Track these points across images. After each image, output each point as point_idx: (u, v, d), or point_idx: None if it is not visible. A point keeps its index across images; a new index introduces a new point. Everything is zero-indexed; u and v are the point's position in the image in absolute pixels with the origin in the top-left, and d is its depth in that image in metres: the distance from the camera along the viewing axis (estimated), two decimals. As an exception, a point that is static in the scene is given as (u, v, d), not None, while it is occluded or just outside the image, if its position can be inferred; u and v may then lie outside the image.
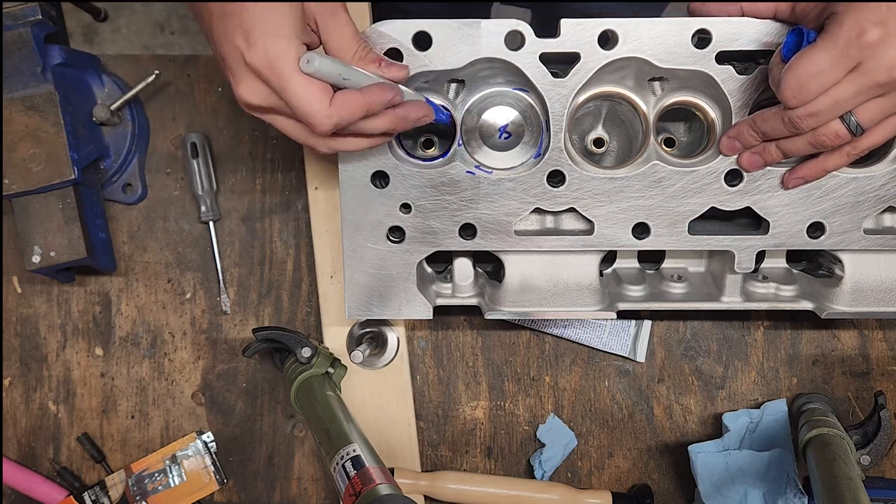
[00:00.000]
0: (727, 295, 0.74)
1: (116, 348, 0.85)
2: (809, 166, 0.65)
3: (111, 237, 0.84)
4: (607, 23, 0.64)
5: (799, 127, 0.59)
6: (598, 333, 0.82)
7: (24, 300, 0.85)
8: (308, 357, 0.76)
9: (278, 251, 0.85)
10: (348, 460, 0.62)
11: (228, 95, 0.86)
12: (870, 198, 0.68)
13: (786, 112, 0.59)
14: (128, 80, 0.85)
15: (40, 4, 0.76)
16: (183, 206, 0.85)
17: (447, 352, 0.84)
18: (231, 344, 0.85)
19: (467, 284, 0.75)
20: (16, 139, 0.75)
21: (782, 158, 0.64)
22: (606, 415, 0.84)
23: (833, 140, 0.59)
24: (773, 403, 0.79)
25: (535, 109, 0.69)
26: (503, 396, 0.84)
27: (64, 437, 0.85)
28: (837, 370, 0.83)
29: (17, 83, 0.75)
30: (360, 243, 0.72)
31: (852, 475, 0.63)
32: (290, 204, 0.85)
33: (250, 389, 0.85)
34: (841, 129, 0.58)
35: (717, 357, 0.83)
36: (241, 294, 0.85)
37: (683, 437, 0.83)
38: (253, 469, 0.85)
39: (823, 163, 0.64)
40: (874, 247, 0.70)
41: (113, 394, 0.85)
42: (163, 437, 0.85)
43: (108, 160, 0.83)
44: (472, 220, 0.70)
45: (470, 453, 0.84)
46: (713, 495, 0.75)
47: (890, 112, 0.58)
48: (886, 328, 0.83)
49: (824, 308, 0.72)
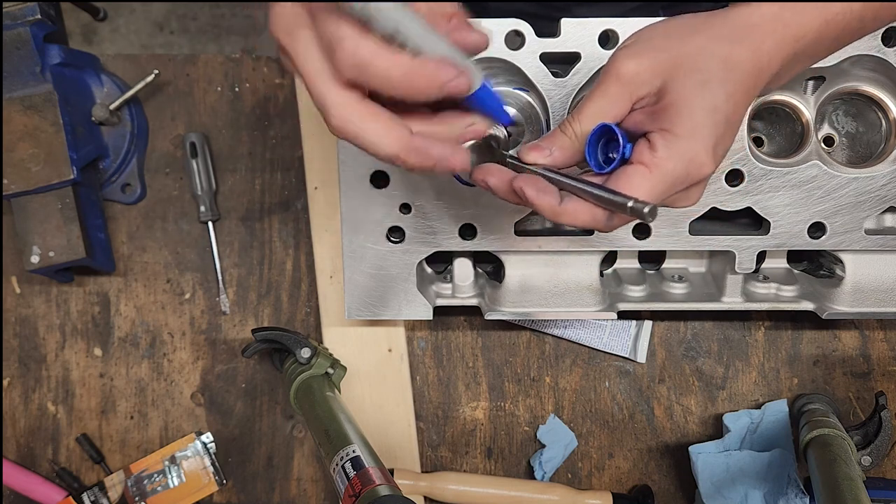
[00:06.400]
0: (728, 295, 0.74)
1: (115, 349, 0.85)
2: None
3: (110, 237, 0.84)
4: (608, 22, 0.64)
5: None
6: (598, 334, 0.82)
7: (23, 300, 0.85)
8: (307, 357, 0.75)
9: (278, 251, 0.85)
10: (348, 461, 0.62)
11: (228, 95, 0.86)
12: (871, 198, 0.68)
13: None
14: (127, 79, 0.84)
15: (39, 4, 0.76)
16: (182, 206, 0.85)
17: (447, 352, 0.84)
18: (230, 344, 0.85)
19: (467, 285, 0.75)
20: (15, 139, 0.75)
21: None
22: (607, 415, 0.83)
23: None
24: (773, 404, 0.79)
25: (536, 109, 0.69)
26: (503, 397, 0.84)
27: (63, 437, 0.85)
28: (838, 371, 0.83)
29: (16, 83, 0.75)
30: (360, 243, 0.71)
31: (853, 476, 0.63)
32: (290, 204, 0.85)
33: (250, 390, 0.85)
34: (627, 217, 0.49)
35: (717, 357, 0.83)
36: (241, 294, 0.85)
37: (684, 437, 0.83)
38: (252, 470, 0.84)
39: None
40: (875, 247, 0.70)
41: (112, 394, 0.85)
42: (162, 437, 0.85)
43: (107, 160, 0.83)
44: (472, 220, 0.70)
45: (470, 454, 0.84)
46: (714, 496, 0.75)
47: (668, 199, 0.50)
48: (887, 328, 0.83)
49: (825, 308, 0.72)
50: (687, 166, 0.46)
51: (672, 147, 0.46)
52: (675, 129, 0.46)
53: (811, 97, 0.71)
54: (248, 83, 0.86)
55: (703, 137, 0.46)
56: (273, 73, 0.86)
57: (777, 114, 0.73)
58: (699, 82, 0.46)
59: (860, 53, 0.65)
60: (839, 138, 0.74)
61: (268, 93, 0.86)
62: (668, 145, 0.46)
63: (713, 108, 0.46)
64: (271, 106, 0.86)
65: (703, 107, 0.46)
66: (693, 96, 0.46)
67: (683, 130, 0.46)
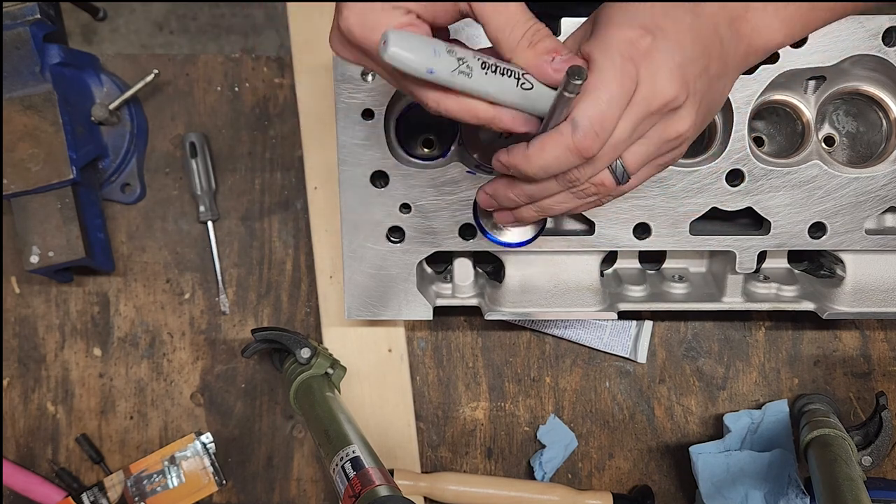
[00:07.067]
0: (728, 295, 0.74)
1: (115, 349, 0.85)
2: (529, 209, 0.51)
3: (109, 237, 0.84)
4: (608, 22, 0.64)
5: (576, 183, 0.46)
6: (598, 334, 0.82)
7: (23, 300, 0.85)
8: (307, 358, 0.75)
9: (277, 251, 0.85)
10: (348, 461, 0.62)
11: (227, 95, 0.86)
12: (871, 198, 0.68)
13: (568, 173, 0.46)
14: (126, 79, 0.84)
15: (39, 4, 0.76)
16: (182, 206, 0.85)
17: (447, 352, 0.84)
18: (230, 344, 0.85)
19: (467, 285, 0.75)
20: (14, 139, 0.75)
21: (537, 217, 0.53)
22: (607, 416, 0.83)
23: (598, 191, 0.47)
24: (774, 404, 0.79)
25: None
26: (503, 397, 0.83)
27: (62, 437, 0.85)
28: (839, 371, 0.83)
29: (16, 83, 0.75)
30: (360, 243, 0.71)
31: (854, 476, 0.63)
32: (290, 204, 0.85)
33: (249, 390, 0.85)
34: (608, 179, 0.46)
35: (718, 358, 0.83)
36: (240, 294, 0.85)
37: (684, 437, 0.83)
38: (252, 470, 0.84)
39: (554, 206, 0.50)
40: (875, 247, 0.70)
41: (111, 394, 0.85)
42: (161, 437, 0.84)
43: (107, 160, 0.83)
44: (472, 220, 0.70)
45: (470, 454, 0.84)
46: (714, 496, 0.75)
47: (653, 155, 0.47)
48: (888, 329, 0.82)
49: (825, 308, 0.72)
50: (613, 44, 0.42)
51: (593, 42, 0.43)
52: (594, 34, 0.43)
53: (812, 97, 0.71)
54: (247, 83, 0.86)
55: (616, 18, 0.43)
56: (273, 73, 0.86)
57: (778, 114, 0.73)
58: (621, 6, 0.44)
59: (861, 53, 0.65)
60: (840, 138, 0.74)
61: (268, 93, 0.86)
62: (591, 45, 0.43)
63: (635, 13, 0.43)
64: (271, 106, 0.85)
65: (615, 13, 0.43)
66: (608, 11, 0.44)
67: (600, 28, 0.43)
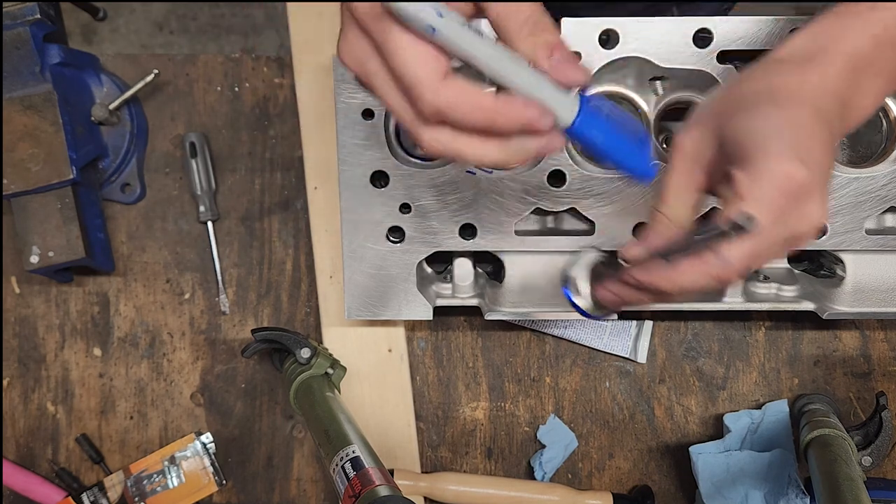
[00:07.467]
0: (728, 295, 0.74)
1: (115, 349, 0.85)
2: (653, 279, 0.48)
3: (109, 237, 0.84)
4: (608, 22, 0.64)
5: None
6: (598, 334, 0.82)
7: (23, 300, 0.85)
8: (307, 358, 0.75)
9: (277, 251, 0.85)
10: (348, 461, 0.62)
11: (227, 95, 0.86)
12: (871, 198, 0.68)
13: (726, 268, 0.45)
14: (126, 79, 0.84)
15: (39, 4, 0.76)
16: (182, 206, 0.85)
17: (447, 352, 0.84)
18: (230, 344, 0.85)
19: (467, 285, 0.75)
20: (14, 139, 0.75)
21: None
22: (607, 416, 0.83)
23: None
24: (774, 404, 0.79)
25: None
26: (503, 397, 0.83)
27: (62, 437, 0.85)
28: (839, 371, 0.83)
29: (16, 83, 0.75)
30: (360, 243, 0.71)
31: (854, 476, 0.63)
32: (290, 204, 0.85)
33: (249, 390, 0.85)
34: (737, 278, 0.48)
35: (718, 358, 0.83)
36: (240, 294, 0.85)
37: (684, 437, 0.83)
38: (252, 470, 0.84)
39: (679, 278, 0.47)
40: (876, 247, 0.70)
41: (111, 394, 0.85)
42: (161, 437, 0.84)
43: (107, 160, 0.83)
44: (472, 220, 0.70)
45: (470, 454, 0.84)
46: (714, 496, 0.75)
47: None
48: (888, 329, 0.82)
49: (826, 308, 0.72)
50: (773, 182, 0.43)
51: (749, 173, 0.44)
52: (744, 158, 0.44)
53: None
54: (247, 83, 0.86)
55: (772, 147, 0.44)
56: (273, 73, 0.86)
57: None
58: (747, 112, 0.45)
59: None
60: (840, 138, 0.73)
61: (267, 93, 0.86)
62: (745, 175, 0.44)
63: (766, 117, 0.44)
64: (271, 106, 0.85)
65: (759, 125, 0.44)
66: (746, 122, 0.45)
67: (750, 152, 0.44)
